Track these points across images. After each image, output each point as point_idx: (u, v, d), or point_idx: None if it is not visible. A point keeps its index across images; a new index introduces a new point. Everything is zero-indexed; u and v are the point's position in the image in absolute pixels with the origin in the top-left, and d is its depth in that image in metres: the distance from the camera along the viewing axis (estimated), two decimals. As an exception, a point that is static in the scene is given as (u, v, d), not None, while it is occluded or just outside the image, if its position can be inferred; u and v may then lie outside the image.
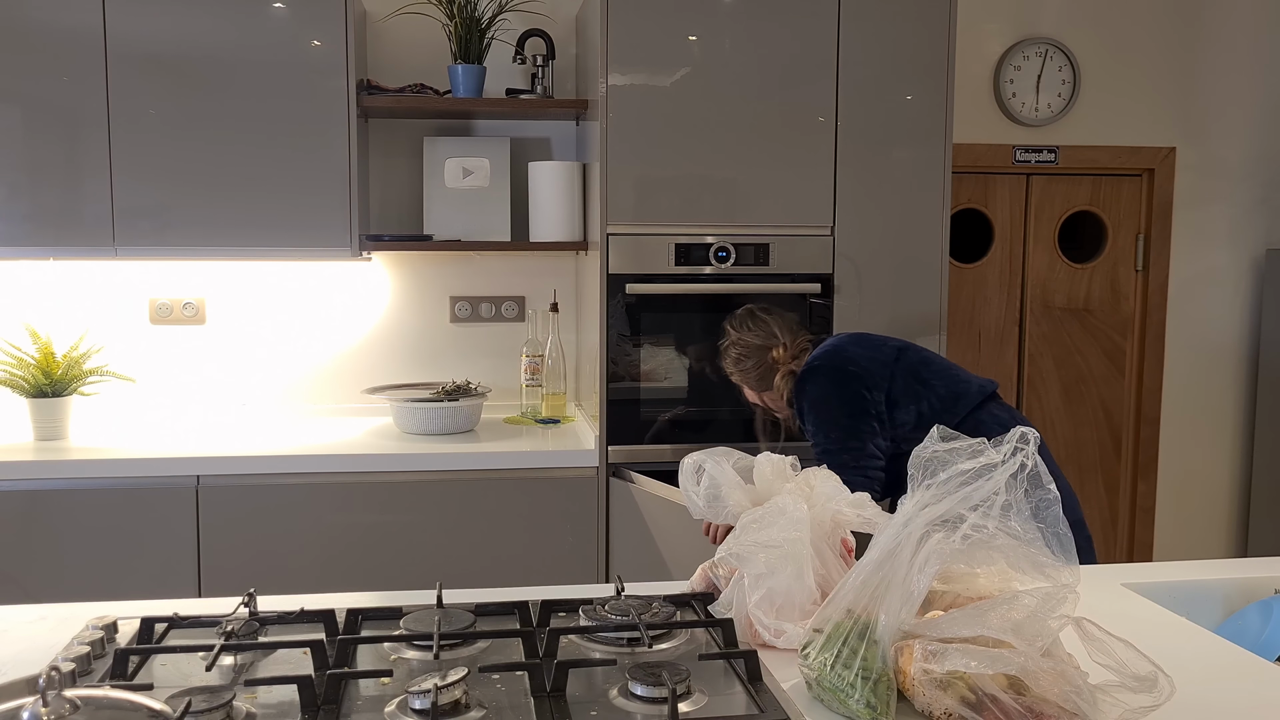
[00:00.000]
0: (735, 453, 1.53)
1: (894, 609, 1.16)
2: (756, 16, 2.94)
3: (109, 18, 2.88)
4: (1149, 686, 1.09)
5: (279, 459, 2.83)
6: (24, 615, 1.55)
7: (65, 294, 3.27)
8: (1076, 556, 1.16)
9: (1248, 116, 3.92)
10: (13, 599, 1.70)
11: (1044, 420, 3.88)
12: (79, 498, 2.75)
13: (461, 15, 3.15)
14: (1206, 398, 4.01)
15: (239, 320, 3.36)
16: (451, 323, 3.46)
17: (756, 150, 2.96)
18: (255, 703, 1.21)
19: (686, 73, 2.94)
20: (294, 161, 2.99)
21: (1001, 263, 3.84)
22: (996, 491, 1.16)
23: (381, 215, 3.40)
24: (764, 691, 1.23)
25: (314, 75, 2.98)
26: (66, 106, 2.90)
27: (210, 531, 2.79)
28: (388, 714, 1.18)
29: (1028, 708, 1.08)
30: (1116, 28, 3.79)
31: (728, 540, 1.43)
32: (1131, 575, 1.76)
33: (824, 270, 3.03)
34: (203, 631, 1.41)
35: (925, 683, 1.13)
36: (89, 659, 1.30)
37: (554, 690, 1.22)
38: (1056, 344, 3.90)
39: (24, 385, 2.97)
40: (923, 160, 3.05)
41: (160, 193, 2.95)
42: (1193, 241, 3.93)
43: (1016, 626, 1.12)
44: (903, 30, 3.01)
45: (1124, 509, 4.00)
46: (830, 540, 1.45)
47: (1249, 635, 1.61)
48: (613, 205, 2.92)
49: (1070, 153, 3.78)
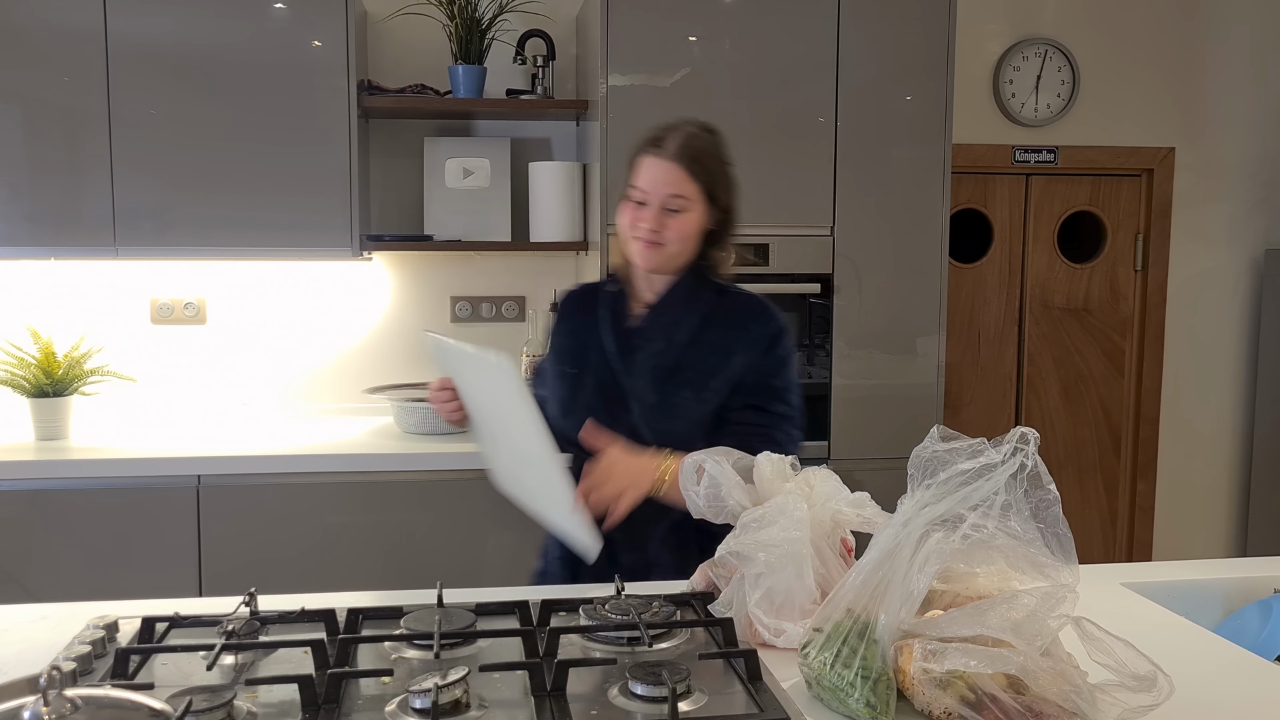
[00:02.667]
0: (735, 452, 1.53)
1: (894, 608, 1.16)
2: (756, 16, 2.94)
3: (110, 18, 2.88)
4: (1148, 686, 1.09)
5: (279, 459, 2.83)
6: (25, 615, 1.55)
7: (66, 294, 3.28)
8: (1076, 556, 1.17)
9: (1247, 116, 3.92)
10: (14, 598, 1.70)
11: (1044, 420, 3.89)
12: (80, 497, 2.76)
13: (462, 16, 3.16)
14: (1206, 398, 4.01)
15: (240, 320, 3.36)
16: (452, 323, 3.47)
17: (756, 150, 2.96)
18: (256, 702, 1.21)
19: (686, 73, 2.94)
20: (295, 162, 2.99)
21: (1001, 263, 3.84)
22: (996, 491, 1.16)
23: (382, 215, 3.40)
24: (764, 691, 1.23)
25: (314, 75, 2.98)
26: (67, 106, 2.90)
27: (211, 531, 2.79)
28: (388, 713, 1.18)
29: (1027, 707, 1.08)
30: (1116, 28, 3.79)
31: (728, 540, 1.43)
32: (1131, 575, 1.76)
33: (824, 270, 3.03)
34: (203, 631, 1.41)
35: (925, 682, 1.14)
36: (90, 658, 1.30)
37: (554, 689, 1.22)
38: (1056, 344, 3.90)
39: (25, 385, 2.97)
40: (922, 160, 3.05)
41: (161, 193, 2.95)
42: (1192, 241, 3.94)
43: (1016, 626, 1.12)
44: (903, 30, 3.01)
45: (1124, 509, 4.00)
46: (830, 540, 1.45)
47: (1249, 635, 1.61)
48: (613, 205, 2.91)
49: (1070, 153, 3.79)
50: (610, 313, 1.90)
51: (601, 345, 1.88)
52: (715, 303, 1.88)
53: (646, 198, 1.81)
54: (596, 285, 2.03)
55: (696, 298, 1.87)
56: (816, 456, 3.03)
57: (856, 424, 3.09)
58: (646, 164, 1.81)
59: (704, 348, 1.84)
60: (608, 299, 1.93)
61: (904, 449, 1.29)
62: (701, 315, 1.86)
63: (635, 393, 1.83)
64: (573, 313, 1.98)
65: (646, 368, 1.84)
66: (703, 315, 1.86)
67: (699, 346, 1.84)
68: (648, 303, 1.89)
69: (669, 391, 1.83)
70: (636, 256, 1.84)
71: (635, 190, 1.82)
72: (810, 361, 3.11)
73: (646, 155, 1.81)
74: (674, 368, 1.84)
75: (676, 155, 1.80)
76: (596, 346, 1.89)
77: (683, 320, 1.86)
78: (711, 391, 1.83)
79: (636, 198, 1.82)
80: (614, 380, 1.85)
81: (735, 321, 1.87)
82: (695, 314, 1.86)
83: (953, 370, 3.69)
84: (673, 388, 1.83)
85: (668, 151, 1.80)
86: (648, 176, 1.80)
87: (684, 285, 1.87)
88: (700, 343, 1.85)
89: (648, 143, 1.83)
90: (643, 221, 1.80)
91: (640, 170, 1.82)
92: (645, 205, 1.81)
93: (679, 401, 1.82)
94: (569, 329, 1.97)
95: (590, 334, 1.91)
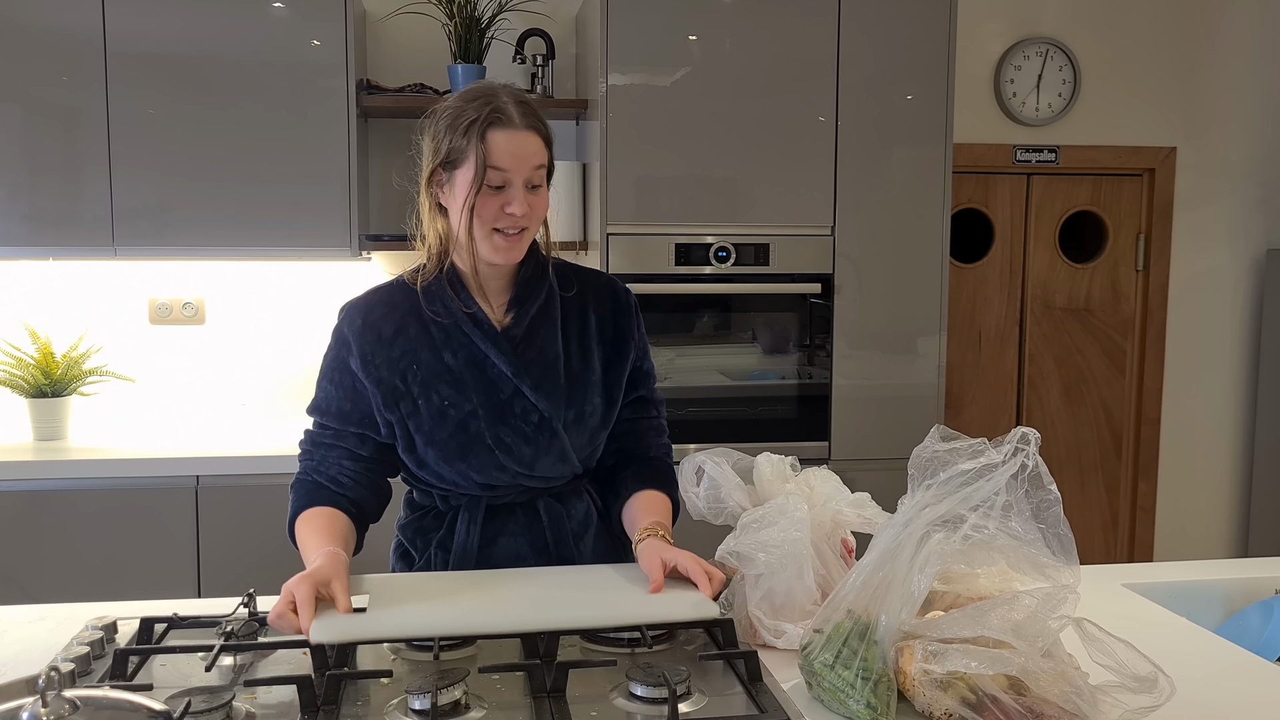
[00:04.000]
0: (735, 453, 1.53)
1: (894, 609, 1.16)
2: (756, 16, 2.94)
3: (109, 18, 2.88)
4: (1149, 687, 1.09)
5: (279, 459, 2.83)
6: (24, 615, 1.54)
7: (65, 294, 3.27)
8: (1077, 557, 1.16)
9: (1248, 116, 3.92)
10: (12, 599, 1.70)
11: (1044, 420, 3.88)
12: (79, 498, 2.75)
13: (461, 15, 3.15)
14: (1207, 398, 4.01)
15: (239, 320, 3.36)
16: (451, 323, 3.46)
17: (756, 150, 2.96)
18: (255, 703, 1.21)
19: (686, 72, 2.94)
20: (294, 161, 2.99)
21: (1002, 263, 3.84)
22: (997, 492, 1.16)
23: (381, 215, 3.40)
24: (764, 691, 1.23)
25: (314, 75, 2.97)
26: (66, 106, 2.90)
27: (210, 531, 2.79)
28: (387, 714, 1.18)
29: (1028, 708, 1.08)
30: (1117, 27, 3.78)
31: (728, 540, 1.43)
32: (1132, 575, 1.76)
33: (824, 270, 3.03)
34: (202, 632, 1.41)
35: (926, 683, 1.13)
36: (89, 659, 1.29)
37: (554, 690, 1.22)
38: (1057, 344, 3.90)
39: (24, 385, 2.96)
40: (923, 160, 3.05)
41: (160, 193, 2.95)
42: (1193, 241, 3.93)
43: (1017, 627, 1.12)
44: (903, 30, 3.01)
45: (1124, 509, 3.99)
46: (830, 540, 1.45)
47: (1249, 635, 1.61)
48: (613, 205, 2.92)
49: (1070, 153, 3.78)
50: (469, 319, 1.56)
51: (478, 364, 1.55)
52: (574, 287, 1.63)
53: (508, 179, 1.49)
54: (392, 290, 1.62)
55: (552, 287, 1.61)
56: (817, 457, 3.03)
57: (857, 424, 3.08)
58: (498, 139, 1.48)
59: (594, 344, 1.62)
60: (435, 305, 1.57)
61: (904, 449, 1.28)
62: (576, 307, 1.62)
63: (549, 412, 1.56)
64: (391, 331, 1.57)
65: (549, 379, 1.57)
66: (577, 307, 1.62)
67: (586, 344, 1.61)
68: (502, 302, 1.59)
69: (579, 401, 1.59)
70: (497, 253, 1.53)
71: (494, 172, 1.48)
72: (810, 362, 3.10)
73: (493, 130, 1.48)
74: (579, 373, 1.60)
75: (528, 122, 1.51)
76: (472, 365, 1.55)
77: (557, 316, 1.60)
78: (618, 390, 1.63)
79: (495, 181, 1.48)
80: (514, 402, 1.55)
81: (610, 308, 1.65)
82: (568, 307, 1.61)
83: (953, 370, 3.68)
84: (580, 396, 1.59)
85: (516, 120, 1.50)
86: (507, 153, 1.48)
87: (535, 274, 1.60)
88: (586, 340, 1.61)
89: (485, 118, 1.49)
90: (510, 208, 1.49)
91: (494, 148, 1.48)
92: (505, 189, 1.50)
93: (591, 409, 1.60)
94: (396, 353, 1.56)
95: (436, 352, 1.56)
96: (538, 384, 1.56)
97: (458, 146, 1.50)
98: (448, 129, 1.52)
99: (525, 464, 1.56)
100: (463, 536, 1.62)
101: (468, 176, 1.49)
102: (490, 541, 1.62)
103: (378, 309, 1.59)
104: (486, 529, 1.62)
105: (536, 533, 1.63)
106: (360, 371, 1.57)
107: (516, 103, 1.52)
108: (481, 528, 1.61)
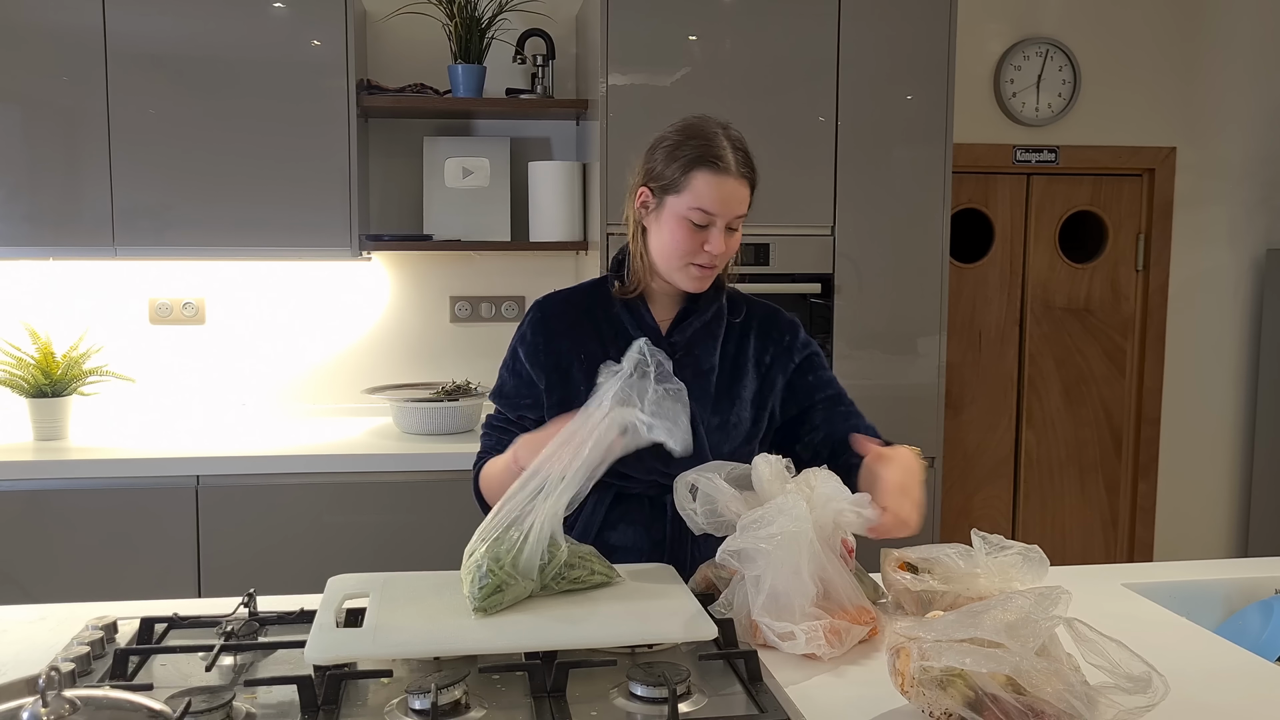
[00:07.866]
0: (726, 465, 1.52)
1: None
2: (756, 16, 2.94)
3: (109, 17, 2.88)
4: (1143, 687, 1.09)
5: (279, 459, 2.83)
6: (24, 615, 1.55)
7: (65, 294, 3.27)
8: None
9: (1248, 116, 3.92)
10: (12, 599, 1.70)
11: (1045, 420, 3.88)
12: (79, 498, 2.75)
13: (461, 15, 3.15)
14: (1207, 398, 4.01)
15: (239, 320, 3.36)
16: (451, 323, 3.46)
17: (756, 150, 2.91)
18: (255, 703, 1.21)
19: (686, 73, 2.94)
20: (294, 161, 2.99)
21: (1002, 263, 3.84)
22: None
23: (381, 215, 3.40)
24: (764, 691, 1.23)
25: (314, 75, 2.98)
26: (66, 106, 2.90)
27: (210, 531, 2.79)
28: (387, 714, 1.18)
29: (1029, 706, 1.08)
30: (1117, 28, 3.78)
31: (728, 540, 1.43)
32: (1131, 575, 1.76)
33: (824, 270, 3.03)
34: (202, 632, 1.41)
35: (924, 682, 1.13)
36: (89, 659, 1.30)
37: (554, 690, 1.22)
38: (1057, 344, 3.90)
39: (24, 385, 2.97)
40: (923, 160, 3.05)
41: (160, 193, 2.95)
42: (1193, 241, 3.93)
43: (1009, 628, 1.12)
44: (903, 30, 3.01)
45: (1124, 509, 3.99)
46: (831, 540, 1.45)
47: (1249, 635, 1.61)
48: (613, 205, 2.92)
49: (1070, 153, 3.78)
50: (635, 321, 1.71)
51: None
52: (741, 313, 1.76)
53: (712, 220, 1.62)
54: (581, 291, 1.80)
55: (721, 309, 1.74)
56: (816, 457, 3.02)
57: (857, 424, 3.08)
58: (712, 183, 1.61)
59: (749, 366, 1.73)
60: (610, 306, 1.73)
61: (904, 449, 1.28)
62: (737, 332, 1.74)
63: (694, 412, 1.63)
64: (564, 326, 1.74)
65: (699, 387, 1.68)
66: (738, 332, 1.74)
67: (741, 364, 1.72)
68: (672, 314, 1.73)
69: (725, 410, 1.70)
70: (689, 283, 1.67)
71: (698, 213, 1.61)
72: (810, 361, 3.10)
73: (708, 173, 1.61)
74: (728, 387, 1.70)
75: (741, 172, 1.64)
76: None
77: (719, 335, 1.73)
78: (766, 409, 1.73)
79: (700, 221, 1.62)
80: None
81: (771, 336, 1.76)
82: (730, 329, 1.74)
83: (953, 370, 3.68)
84: (726, 406, 1.70)
85: (732, 168, 1.62)
86: (717, 198, 1.61)
87: (708, 295, 1.73)
88: (742, 360, 1.73)
89: (702, 158, 1.61)
90: (709, 246, 1.62)
91: (703, 190, 1.60)
92: (708, 228, 1.63)
93: (737, 420, 1.71)
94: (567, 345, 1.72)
95: (601, 348, 1.68)
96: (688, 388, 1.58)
97: (672, 179, 1.64)
98: (665, 159, 1.65)
99: (663, 459, 1.55)
100: (588, 515, 1.72)
101: (676, 210, 1.63)
102: (611, 526, 1.72)
103: (558, 305, 1.77)
104: (611, 513, 1.72)
105: (658, 527, 1.71)
106: (527, 360, 1.73)
107: (735, 149, 1.64)
108: (607, 510, 1.72)
